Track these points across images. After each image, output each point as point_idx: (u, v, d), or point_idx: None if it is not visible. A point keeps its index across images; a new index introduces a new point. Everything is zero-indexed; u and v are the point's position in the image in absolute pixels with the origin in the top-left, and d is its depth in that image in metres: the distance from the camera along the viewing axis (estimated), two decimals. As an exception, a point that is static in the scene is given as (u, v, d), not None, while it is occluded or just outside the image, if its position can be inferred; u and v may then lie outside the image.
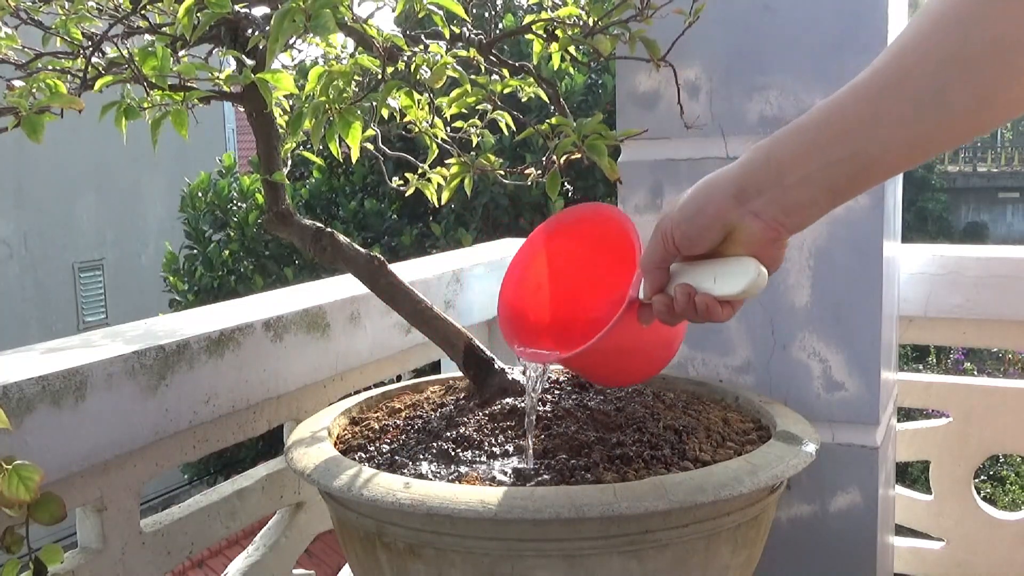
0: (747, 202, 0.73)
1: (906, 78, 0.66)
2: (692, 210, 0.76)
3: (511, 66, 1.10)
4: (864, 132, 0.68)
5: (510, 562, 0.84)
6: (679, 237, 0.77)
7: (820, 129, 0.70)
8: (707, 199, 0.75)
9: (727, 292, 0.75)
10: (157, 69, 0.82)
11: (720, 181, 0.75)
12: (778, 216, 0.73)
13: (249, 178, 5.91)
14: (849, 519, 1.28)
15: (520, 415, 1.03)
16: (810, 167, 0.70)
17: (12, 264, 9.01)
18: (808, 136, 0.70)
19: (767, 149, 0.72)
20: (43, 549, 0.79)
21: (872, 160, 0.68)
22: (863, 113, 0.68)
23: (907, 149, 0.68)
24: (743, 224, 0.74)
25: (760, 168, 0.72)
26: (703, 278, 0.76)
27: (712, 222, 0.74)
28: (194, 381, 1.11)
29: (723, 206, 0.74)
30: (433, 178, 1.24)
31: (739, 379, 1.32)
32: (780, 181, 0.71)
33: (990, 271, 1.58)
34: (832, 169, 0.69)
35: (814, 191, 0.71)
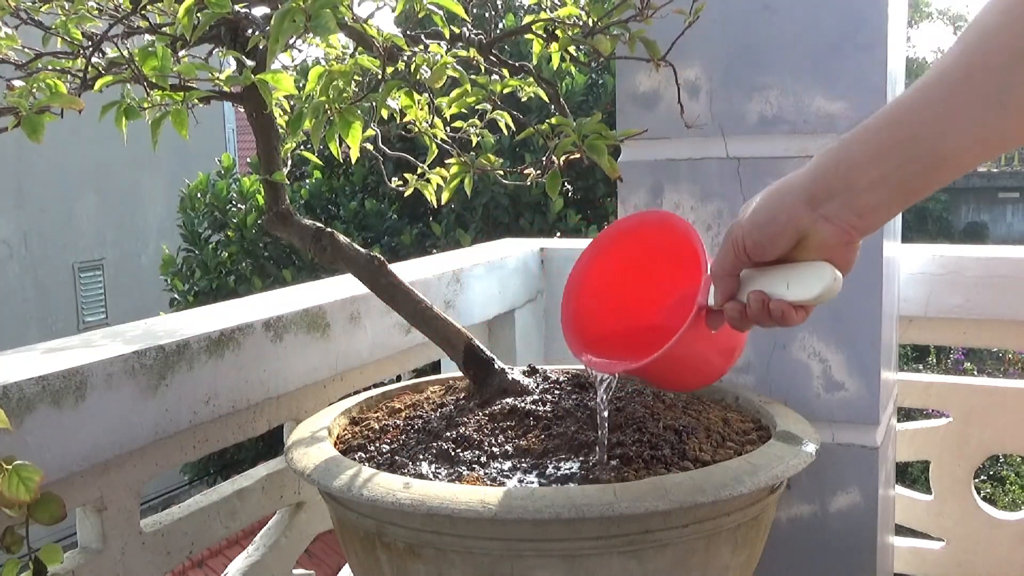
0: (819, 207, 0.73)
1: (973, 76, 0.66)
2: (764, 218, 0.76)
3: (511, 66, 1.10)
4: (935, 132, 0.68)
5: (510, 562, 0.84)
6: (750, 245, 0.77)
7: (891, 131, 0.70)
8: (779, 206, 0.75)
9: (802, 297, 0.75)
10: (157, 69, 0.82)
11: (790, 188, 0.75)
12: (851, 219, 0.73)
13: (249, 179, 5.90)
14: (849, 519, 1.28)
15: (520, 415, 1.03)
16: (882, 169, 0.70)
17: (12, 264, 9.01)
18: (878, 138, 0.70)
19: (836, 153, 0.72)
20: (43, 549, 0.79)
21: (943, 159, 0.69)
22: (933, 113, 0.68)
23: (979, 146, 0.68)
24: (816, 229, 0.74)
25: (830, 173, 0.72)
26: (776, 284, 0.76)
27: (784, 229, 0.74)
28: (194, 381, 1.11)
29: (795, 213, 0.74)
30: (432, 178, 1.24)
31: (739, 379, 1.32)
32: (852, 185, 0.71)
33: (990, 271, 1.58)
34: (904, 169, 0.70)
35: (887, 193, 0.71)
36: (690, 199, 1.32)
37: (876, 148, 0.70)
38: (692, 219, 1.32)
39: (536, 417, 1.02)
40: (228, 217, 5.92)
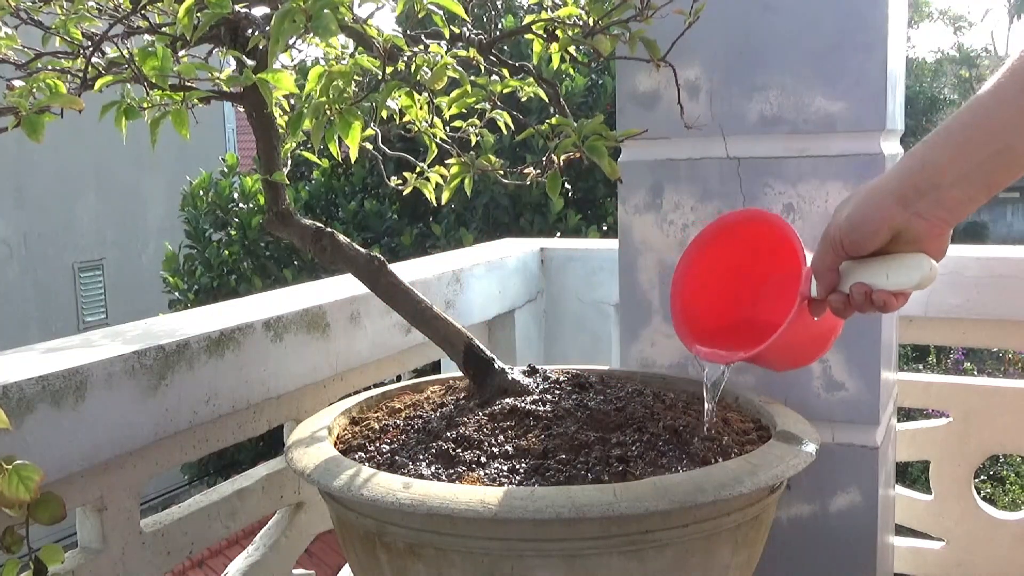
0: (910, 206, 0.79)
1: None
2: (859, 219, 0.82)
3: (511, 66, 1.10)
4: (1011, 129, 0.74)
5: (510, 562, 0.84)
6: (848, 244, 0.84)
7: (969, 131, 0.76)
8: (873, 208, 0.82)
9: (903, 286, 0.82)
10: (158, 69, 0.82)
11: (882, 190, 0.81)
12: (940, 214, 0.79)
13: (251, 178, 5.90)
14: (849, 519, 1.28)
15: (520, 415, 1.03)
16: (965, 167, 0.76)
17: (12, 264, 9.01)
18: (959, 139, 0.77)
19: (921, 156, 0.79)
20: (43, 549, 0.79)
21: (1020, 154, 0.75)
22: (1008, 113, 0.74)
23: None
24: (909, 226, 0.80)
25: (917, 174, 0.79)
26: (876, 276, 0.83)
27: (880, 228, 0.81)
28: (194, 381, 1.11)
29: (889, 213, 0.80)
30: (432, 177, 1.24)
31: (739, 379, 1.32)
32: (938, 183, 0.78)
33: (990, 271, 1.58)
34: (985, 166, 0.76)
35: (971, 188, 0.77)
36: (690, 199, 1.32)
37: (956, 148, 0.76)
38: (692, 219, 1.32)
39: (536, 417, 1.02)
40: (230, 216, 5.92)
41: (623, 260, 1.38)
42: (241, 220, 5.80)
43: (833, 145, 1.24)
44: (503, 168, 1.17)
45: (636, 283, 1.37)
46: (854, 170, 1.23)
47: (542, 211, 5.35)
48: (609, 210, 5.48)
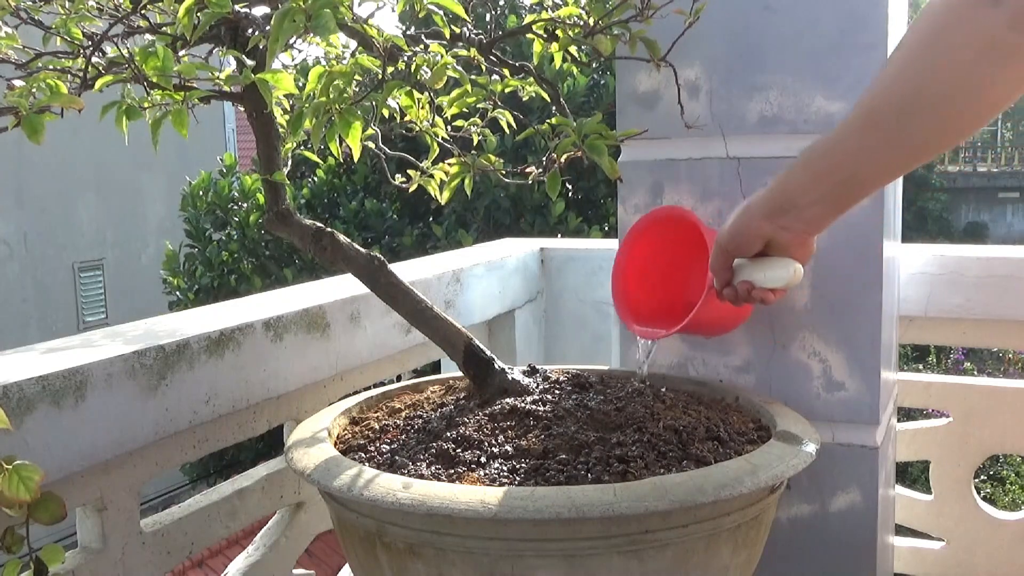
0: (776, 220, 0.96)
1: (878, 119, 0.87)
2: (736, 230, 1.00)
3: (511, 66, 1.10)
4: (854, 162, 0.90)
5: (510, 562, 0.84)
6: (732, 249, 1.02)
7: (822, 161, 0.92)
8: (747, 222, 0.99)
9: (775, 284, 1.02)
10: (159, 69, 0.82)
11: (754, 207, 0.98)
12: (800, 227, 0.96)
13: (250, 178, 5.90)
14: (849, 519, 1.28)
15: (520, 415, 1.03)
16: (819, 191, 0.93)
17: (12, 264, 9.01)
18: (814, 167, 0.93)
19: (784, 181, 0.95)
20: (44, 549, 0.79)
21: (863, 181, 0.91)
22: (852, 146, 0.89)
23: (888, 169, 0.92)
24: (777, 236, 0.98)
25: (780, 195, 0.96)
26: (756, 275, 1.02)
27: (752, 238, 0.99)
28: (194, 381, 1.11)
29: (758, 225, 0.97)
30: (436, 174, 1.24)
31: (739, 379, 1.32)
32: (797, 203, 0.95)
33: (990, 271, 1.58)
34: (835, 190, 0.92)
35: (824, 207, 0.94)
36: (690, 199, 1.32)
37: (811, 175, 0.93)
38: (692, 219, 1.32)
39: (536, 417, 1.02)
40: (229, 216, 5.92)
41: (623, 260, 1.38)
42: (241, 220, 5.80)
43: (833, 145, 1.24)
44: (504, 168, 1.17)
45: (636, 283, 1.37)
46: (854, 170, 1.23)
47: (543, 213, 5.35)
48: (610, 210, 5.49)
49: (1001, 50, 0.81)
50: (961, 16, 0.83)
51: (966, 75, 0.83)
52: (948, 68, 0.83)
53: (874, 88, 0.89)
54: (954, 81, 0.84)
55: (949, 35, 0.84)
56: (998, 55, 0.81)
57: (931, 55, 0.85)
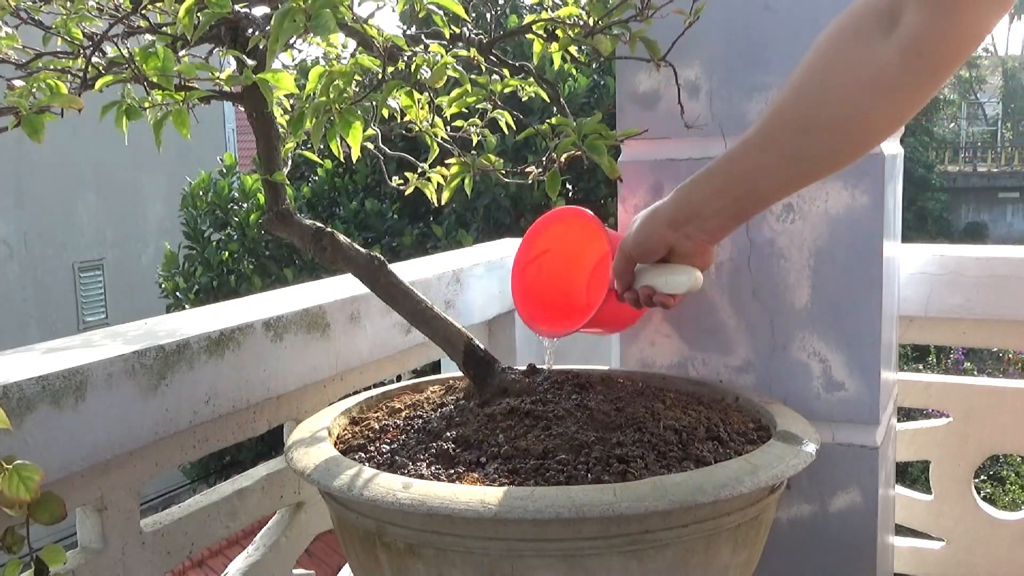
0: (679, 229, 1.01)
1: (774, 140, 0.93)
2: (642, 237, 1.03)
3: (511, 66, 1.10)
4: (753, 177, 0.95)
5: (510, 562, 0.84)
6: (636, 255, 1.05)
7: (723, 176, 0.97)
8: (652, 229, 1.02)
9: (675, 290, 1.05)
10: (159, 69, 0.82)
11: (659, 215, 1.02)
12: (702, 236, 1.01)
13: (251, 178, 5.90)
14: (849, 519, 1.28)
15: (520, 415, 1.03)
16: (719, 203, 0.98)
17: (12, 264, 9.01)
18: (716, 181, 0.98)
19: (688, 192, 1.00)
20: (45, 549, 0.79)
21: (762, 196, 0.98)
22: (750, 164, 0.95)
23: (785, 187, 0.98)
24: (679, 244, 1.02)
25: (684, 206, 1.00)
26: (657, 280, 1.05)
27: (656, 245, 1.03)
28: (194, 381, 1.11)
29: (663, 233, 1.02)
30: (433, 177, 1.24)
31: (739, 379, 1.32)
32: (699, 214, 0.99)
33: (990, 271, 1.58)
34: (736, 204, 0.98)
35: (725, 219, 0.99)
36: (690, 199, 1.32)
37: (714, 189, 0.98)
38: (692, 219, 1.32)
39: (536, 417, 1.02)
40: (229, 216, 5.92)
41: (623, 260, 1.38)
42: (241, 220, 5.80)
43: (833, 145, 1.24)
44: (504, 168, 1.17)
45: (636, 283, 1.37)
46: (854, 170, 1.23)
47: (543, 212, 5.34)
48: (611, 210, 5.48)
49: (890, 82, 0.84)
50: (852, 46, 0.86)
51: (856, 104, 0.87)
52: (839, 96, 0.87)
53: (772, 109, 0.94)
54: (844, 109, 0.87)
55: (841, 64, 0.87)
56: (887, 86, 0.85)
57: (823, 82, 0.88)
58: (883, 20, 0.84)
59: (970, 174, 21.95)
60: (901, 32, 0.82)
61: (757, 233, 1.29)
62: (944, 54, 0.83)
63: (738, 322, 1.31)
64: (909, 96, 0.86)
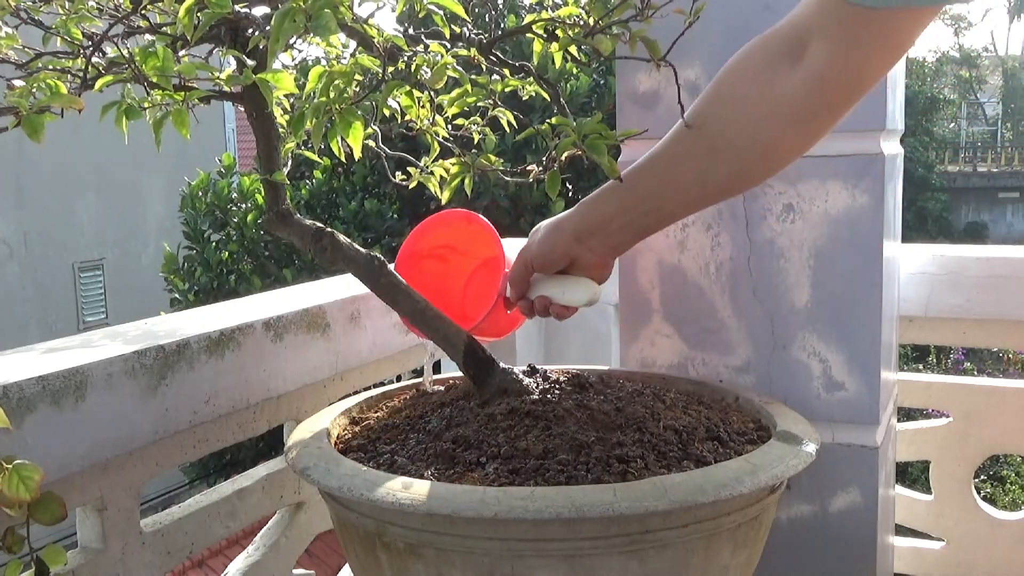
0: (583, 242, 1.03)
1: (679, 162, 0.95)
2: (546, 247, 1.05)
3: (512, 66, 1.10)
4: (659, 195, 0.98)
5: (510, 562, 0.84)
6: (538, 265, 1.06)
7: (627, 194, 0.99)
8: (555, 241, 1.04)
9: (572, 303, 1.06)
10: (159, 69, 0.82)
11: (563, 228, 1.04)
12: (604, 250, 1.04)
13: (249, 178, 5.90)
14: (849, 519, 1.28)
15: (520, 415, 1.03)
16: (624, 219, 1.00)
17: (12, 264, 9.01)
18: (622, 197, 1.00)
19: (593, 206, 1.02)
20: (45, 549, 0.79)
21: (667, 213, 1.01)
22: (655, 183, 0.98)
23: (689, 206, 1.02)
24: (582, 256, 1.04)
25: (589, 219, 1.02)
26: (554, 291, 1.07)
27: (560, 257, 1.04)
28: (194, 381, 1.11)
29: (567, 245, 1.03)
30: (436, 171, 1.24)
31: (739, 379, 1.32)
32: (604, 228, 1.01)
33: (991, 271, 1.58)
34: (640, 220, 1.00)
35: (629, 233, 1.02)
36: (690, 199, 1.32)
37: (620, 205, 1.00)
38: (692, 219, 1.32)
39: (536, 417, 1.02)
40: (229, 216, 5.92)
41: (623, 260, 1.38)
42: (240, 220, 5.80)
43: (833, 145, 1.24)
44: (503, 168, 1.17)
45: (636, 283, 1.37)
46: (854, 170, 1.23)
47: (543, 212, 5.35)
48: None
49: (791, 112, 0.87)
50: (759, 74, 0.88)
51: (759, 130, 0.88)
52: (743, 121, 0.89)
53: (678, 129, 0.94)
54: (748, 134, 0.89)
55: (747, 91, 0.89)
56: (789, 116, 0.87)
57: (730, 107, 0.90)
58: (792, 50, 0.87)
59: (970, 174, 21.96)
60: (806, 64, 0.85)
61: (757, 233, 1.29)
62: (843, 89, 0.86)
63: (738, 322, 1.31)
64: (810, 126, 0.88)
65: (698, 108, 0.93)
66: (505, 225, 5.32)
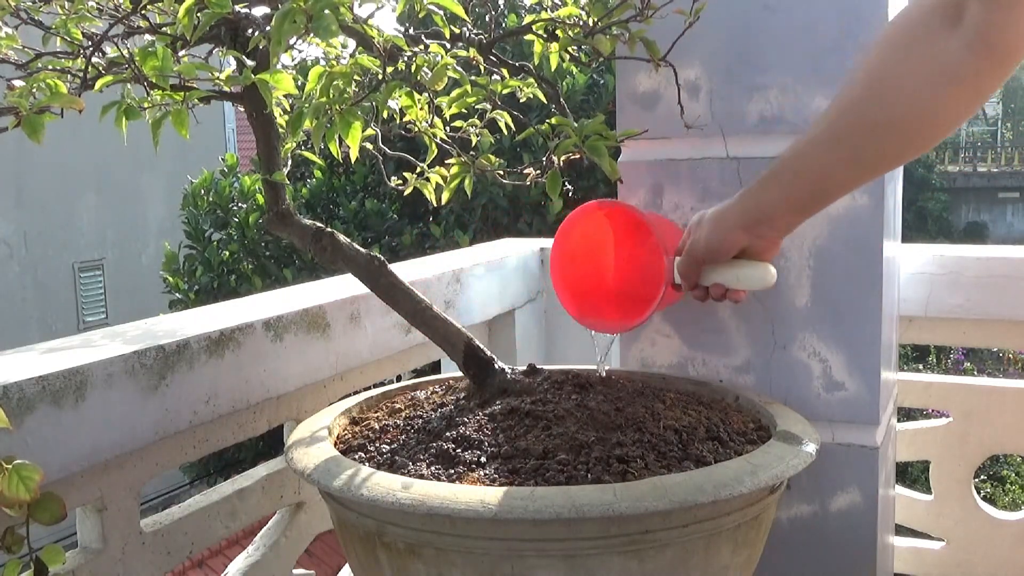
0: (752, 231, 1.07)
1: (844, 137, 0.96)
2: (716, 243, 1.09)
3: (511, 66, 1.10)
4: (822, 176, 1.00)
5: (510, 562, 0.84)
6: (708, 259, 1.11)
7: (793, 177, 1.02)
8: (723, 235, 1.08)
9: (750, 287, 1.11)
10: (158, 69, 0.82)
11: (729, 221, 1.08)
12: (773, 235, 1.08)
13: (250, 178, 5.90)
14: (849, 519, 1.28)
15: (520, 415, 1.03)
16: (791, 204, 1.04)
17: (12, 264, 9.01)
18: (787, 183, 1.02)
19: (757, 195, 1.05)
20: (44, 549, 0.79)
21: (830, 193, 1.03)
22: (820, 165, 0.99)
23: (853, 182, 1.03)
24: (752, 244, 1.08)
25: (756, 210, 1.06)
26: (729, 278, 1.11)
27: (731, 248, 1.09)
28: (194, 381, 1.11)
29: (737, 238, 1.08)
30: (432, 177, 1.24)
31: (739, 379, 1.32)
32: (772, 215, 1.05)
33: (990, 271, 1.58)
34: (808, 201, 1.04)
35: (795, 216, 1.06)
36: (690, 199, 1.32)
37: (784, 193, 1.03)
38: (692, 219, 1.32)
39: (536, 417, 1.02)
40: (230, 216, 5.92)
41: (623, 260, 1.38)
42: (241, 220, 5.80)
43: (833, 145, 1.24)
44: (502, 168, 1.17)
45: (636, 283, 1.37)
46: (854, 170, 1.23)
47: (541, 212, 5.34)
48: (609, 210, 5.47)
49: (958, 74, 0.86)
50: (919, 43, 0.88)
51: (926, 98, 0.89)
52: (908, 92, 0.89)
53: (839, 106, 0.96)
54: (914, 103, 0.89)
55: (908, 61, 0.89)
56: (955, 78, 0.86)
57: (892, 80, 0.90)
58: (947, 16, 0.86)
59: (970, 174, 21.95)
60: (966, 26, 0.84)
61: (757, 233, 1.29)
62: (1009, 45, 0.84)
63: (738, 322, 1.31)
64: (977, 89, 0.87)
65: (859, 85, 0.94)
66: (503, 225, 5.32)
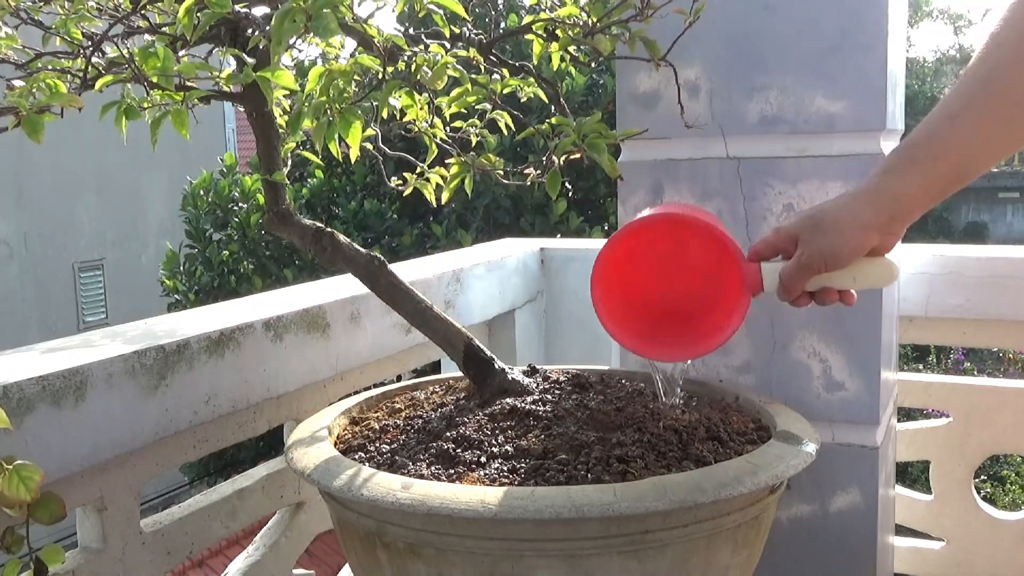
0: (887, 229, 0.95)
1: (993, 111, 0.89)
2: (841, 249, 0.96)
3: (511, 66, 1.10)
4: (969, 158, 0.92)
5: (510, 562, 0.84)
6: (830, 267, 0.97)
7: (934, 163, 0.93)
8: (854, 239, 0.95)
9: (873, 286, 0.99)
10: (159, 69, 0.82)
11: (860, 223, 0.95)
12: (903, 228, 0.97)
13: (250, 178, 5.90)
14: (849, 519, 1.28)
15: (520, 415, 1.03)
16: (931, 193, 0.94)
17: (12, 264, 9.01)
18: (926, 169, 0.93)
19: (891, 190, 0.94)
20: (44, 549, 0.79)
21: (972, 173, 0.93)
22: (966, 143, 0.91)
23: (992, 160, 0.93)
24: (883, 243, 0.96)
25: (891, 206, 0.94)
26: (846, 280, 0.98)
27: (859, 252, 0.96)
28: (194, 381, 1.11)
29: (869, 240, 0.95)
30: (432, 177, 1.24)
31: (739, 379, 1.32)
32: (910, 210, 0.95)
33: (990, 271, 1.58)
34: (949, 186, 0.93)
35: (930, 205, 0.95)
36: (690, 199, 1.32)
37: (925, 180, 0.93)
38: (692, 219, 1.32)
39: (536, 417, 1.02)
40: (230, 216, 5.92)
41: (623, 260, 1.38)
42: (241, 220, 5.80)
43: (833, 145, 1.24)
44: (503, 168, 1.17)
45: (636, 283, 1.37)
46: (854, 170, 1.23)
47: (543, 212, 5.34)
48: (610, 210, 5.48)
49: None
50: None
51: None
52: None
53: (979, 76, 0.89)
54: None
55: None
56: None
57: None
58: None
59: (970, 174, 21.92)
60: None
61: (757, 233, 1.29)
62: None
63: (738, 322, 1.31)
64: None
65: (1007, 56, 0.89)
66: (505, 225, 5.32)
